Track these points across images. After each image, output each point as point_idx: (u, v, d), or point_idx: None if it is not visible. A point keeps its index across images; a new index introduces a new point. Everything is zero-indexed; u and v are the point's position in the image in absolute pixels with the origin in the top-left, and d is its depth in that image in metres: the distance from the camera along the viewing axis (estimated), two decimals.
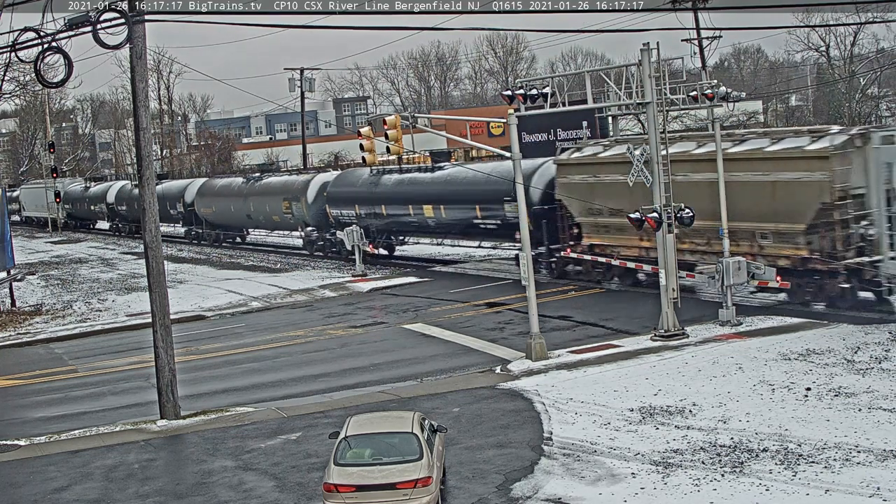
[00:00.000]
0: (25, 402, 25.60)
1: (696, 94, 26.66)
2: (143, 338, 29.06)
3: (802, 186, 26.04)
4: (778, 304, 28.17)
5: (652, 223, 24.94)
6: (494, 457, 17.34)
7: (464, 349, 26.84)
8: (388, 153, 26.92)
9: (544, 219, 34.13)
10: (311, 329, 31.74)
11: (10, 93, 49.96)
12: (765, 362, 21.84)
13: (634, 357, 23.55)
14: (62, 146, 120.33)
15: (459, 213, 38.60)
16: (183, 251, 59.72)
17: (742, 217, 26.89)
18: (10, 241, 42.41)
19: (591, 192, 32.30)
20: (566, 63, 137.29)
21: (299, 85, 67.82)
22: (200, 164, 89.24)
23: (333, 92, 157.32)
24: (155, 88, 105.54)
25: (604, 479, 15.83)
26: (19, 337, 34.65)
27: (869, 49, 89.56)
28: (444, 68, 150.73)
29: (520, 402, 20.76)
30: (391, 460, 14.67)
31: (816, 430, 17.14)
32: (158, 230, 22.13)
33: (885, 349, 22.07)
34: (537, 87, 25.24)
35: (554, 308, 30.76)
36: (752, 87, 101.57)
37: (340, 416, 19.79)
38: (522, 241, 25.00)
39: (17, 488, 18.08)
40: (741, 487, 14.96)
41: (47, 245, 73.07)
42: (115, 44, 19.88)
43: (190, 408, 22.45)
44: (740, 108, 66.30)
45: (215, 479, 17.59)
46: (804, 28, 77.89)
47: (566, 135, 60.31)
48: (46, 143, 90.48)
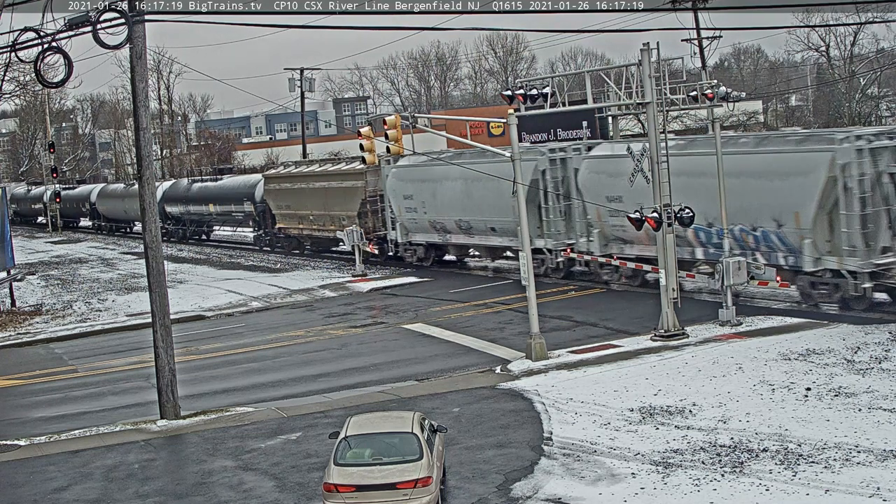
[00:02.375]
0: (25, 402, 25.60)
1: (696, 94, 26.69)
2: (143, 338, 29.06)
3: (351, 190, 44.66)
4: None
5: (652, 223, 24.99)
6: (494, 457, 17.34)
7: (464, 349, 26.84)
8: (387, 153, 26.90)
9: (262, 211, 53.61)
10: (311, 329, 31.74)
11: (10, 93, 49.91)
12: (765, 362, 21.84)
13: (634, 357, 23.55)
14: (62, 146, 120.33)
15: (223, 207, 58.08)
16: (183, 251, 59.84)
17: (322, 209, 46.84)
18: (10, 241, 42.40)
19: (283, 195, 50.61)
20: (566, 63, 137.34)
21: (299, 85, 67.80)
22: (200, 163, 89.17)
23: (333, 92, 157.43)
24: (155, 88, 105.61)
25: (604, 479, 15.84)
26: (19, 337, 34.65)
27: (869, 49, 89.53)
28: (444, 68, 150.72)
29: (520, 402, 20.76)
30: (391, 460, 14.67)
31: (816, 430, 17.14)
32: (158, 230, 22.14)
33: (885, 349, 22.07)
34: (537, 87, 25.25)
35: (554, 308, 30.77)
36: (752, 87, 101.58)
37: (340, 416, 19.79)
38: (523, 240, 24.99)
39: (17, 488, 18.08)
40: (741, 487, 14.96)
41: (47, 245, 73.08)
42: (115, 44, 19.89)
43: (190, 408, 22.45)
44: (740, 108, 66.30)
45: (215, 479, 17.60)
46: (804, 28, 77.83)
47: (566, 135, 60.38)
48: (46, 143, 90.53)
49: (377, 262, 44.00)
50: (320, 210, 47.09)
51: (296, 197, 48.95)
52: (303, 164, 53.73)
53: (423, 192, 40.40)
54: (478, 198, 37.25)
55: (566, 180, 34.50)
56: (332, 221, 45.91)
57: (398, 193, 41.82)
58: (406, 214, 41.78)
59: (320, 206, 46.93)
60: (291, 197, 49.42)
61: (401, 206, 41.80)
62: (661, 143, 24.98)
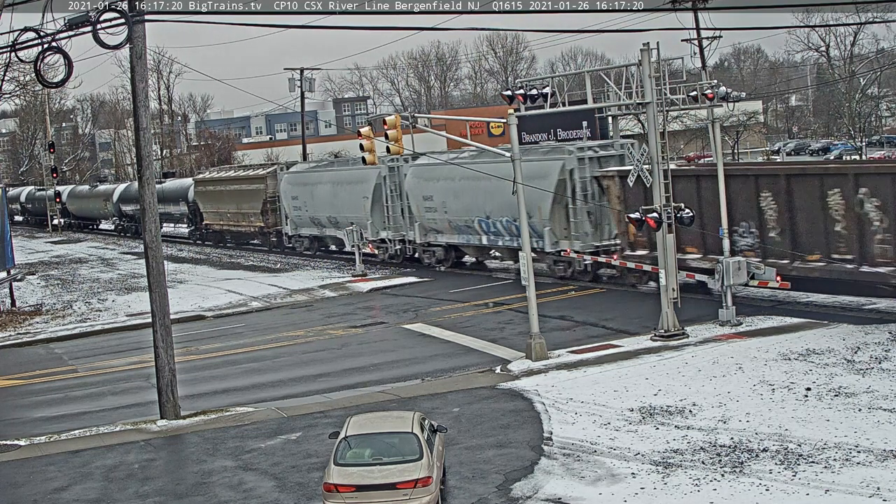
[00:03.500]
0: (25, 402, 25.60)
1: (696, 94, 26.67)
2: (143, 338, 29.07)
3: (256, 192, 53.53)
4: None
5: (652, 223, 25.01)
6: (494, 457, 17.34)
7: (464, 349, 26.84)
8: (388, 153, 26.94)
9: (194, 210, 62.24)
10: (311, 329, 31.74)
11: (10, 93, 49.97)
12: (765, 362, 21.84)
13: (634, 357, 23.55)
14: (62, 146, 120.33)
15: (164, 207, 61.28)
16: (183, 251, 59.85)
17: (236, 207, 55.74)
18: (11, 241, 42.40)
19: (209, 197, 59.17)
20: (566, 63, 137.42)
21: (299, 85, 67.79)
22: (200, 164, 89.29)
23: (333, 92, 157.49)
24: (155, 88, 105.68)
25: (604, 479, 15.84)
26: (19, 337, 34.65)
27: (869, 49, 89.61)
28: (444, 68, 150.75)
29: (520, 402, 20.76)
30: (391, 460, 14.67)
31: (816, 430, 17.14)
32: (159, 230, 22.14)
33: (885, 349, 22.07)
34: (537, 87, 25.24)
35: (554, 308, 30.77)
36: (752, 87, 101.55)
37: (340, 416, 19.79)
38: (523, 240, 25.00)
39: (17, 488, 18.08)
40: (741, 487, 14.96)
41: (47, 245, 73.11)
42: (115, 44, 19.88)
43: (190, 408, 22.45)
44: (740, 108, 66.31)
45: (215, 479, 17.60)
46: (804, 28, 77.90)
47: (566, 135, 60.40)
48: (46, 143, 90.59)
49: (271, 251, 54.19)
50: (235, 209, 56.32)
51: (217, 198, 58.15)
52: (223, 170, 63.00)
53: (306, 194, 48.96)
54: (341, 198, 45.97)
55: (399, 184, 42.40)
56: (243, 218, 55.74)
57: (288, 195, 50.49)
58: (294, 212, 50.38)
59: (235, 205, 56.26)
60: (214, 198, 58.50)
61: (290, 206, 50.44)
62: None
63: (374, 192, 43.47)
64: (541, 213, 33.67)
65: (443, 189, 39.17)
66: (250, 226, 55.00)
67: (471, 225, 38.13)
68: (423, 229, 41.20)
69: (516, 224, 31.96)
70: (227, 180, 57.18)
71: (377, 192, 43.31)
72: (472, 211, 37.71)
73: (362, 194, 44.03)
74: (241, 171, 59.25)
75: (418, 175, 41.01)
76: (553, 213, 33.73)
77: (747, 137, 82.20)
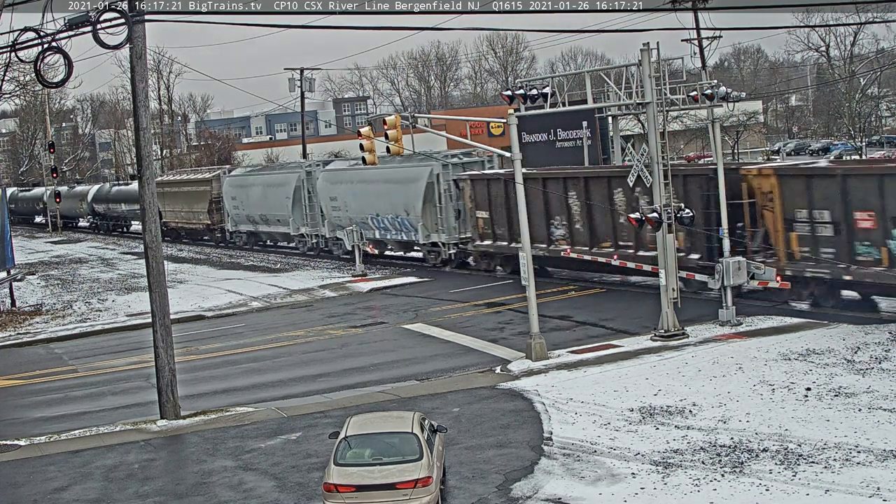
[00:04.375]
0: (25, 402, 25.60)
1: (696, 94, 26.66)
2: (143, 338, 29.07)
3: (203, 193, 59.88)
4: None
5: (652, 223, 25.01)
6: (494, 457, 17.34)
7: (464, 349, 26.84)
8: (388, 153, 26.96)
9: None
10: (311, 329, 31.74)
11: (10, 93, 49.95)
12: (765, 362, 21.84)
13: (634, 357, 23.54)
14: (62, 146, 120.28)
15: (130, 206, 69.07)
16: (183, 251, 59.86)
17: (188, 207, 62.23)
18: (10, 241, 42.39)
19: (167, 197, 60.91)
20: (566, 63, 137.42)
21: (299, 85, 67.81)
22: (200, 163, 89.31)
23: (333, 92, 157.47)
24: (155, 88, 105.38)
25: (604, 479, 15.84)
26: (19, 337, 34.64)
27: (869, 49, 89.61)
28: (444, 68, 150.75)
29: (520, 402, 20.76)
30: (391, 460, 14.67)
31: (816, 430, 17.14)
32: (158, 230, 22.13)
33: (885, 349, 22.07)
34: (537, 88, 25.22)
35: (554, 308, 30.77)
36: (752, 87, 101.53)
37: (340, 416, 19.79)
38: (523, 240, 25.00)
39: (17, 488, 18.08)
40: (741, 487, 14.96)
41: (47, 245, 73.09)
42: (115, 44, 19.88)
43: (190, 408, 22.45)
44: (740, 108, 66.30)
45: (215, 479, 17.60)
46: (804, 28, 77.93)
47: (566, 135, 60.43)
48: (46, 143, 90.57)
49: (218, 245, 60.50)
50: (188, 208, 62.83)
51: (173, 198, 63.44)
52: (179, 173, 71.06)
53: (243, 195, 55.30)
54: (269, 199, 52.19)
55: (314, 187, 48.63)
56: (194, 216, 62.35)
57: (229, 196, 57.04)
58: (234, 211, 56.81)
59: (187, 206, 62.82)
60: (171, 198, 63.23)
61: (231, 205, 56.92)
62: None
63: (294, 193, 50.07)
64: (415, 211, 40.82)
65: (344, 191, 45.64)
66: (200, 223, 61.90)
67: (366, 221, 44.05)
68: (331, 225, 47.38)
69: (399, 220, 41.94)
70: (180, 182, 64.18)
71: (297, 194, 49.87)
72: (367, 210, 43.92)
73: (285, 195, 50.76)
74: (192, 174, 66.59)
75: (326, 179, 47.46)
76: (424, 210, 40.51)
77: (747, 137, 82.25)
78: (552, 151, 54.39)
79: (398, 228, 42.50)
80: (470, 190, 38.43)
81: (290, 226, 50.60)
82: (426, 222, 40.71)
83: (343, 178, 46.06)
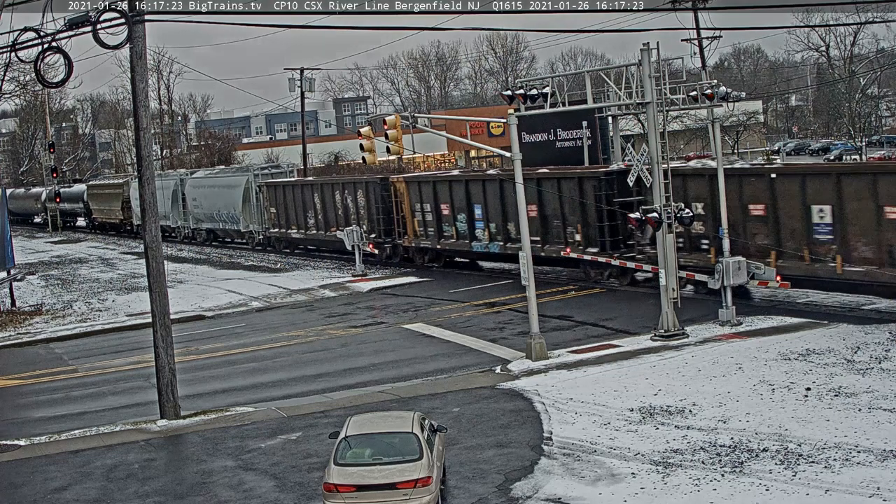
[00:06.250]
0: (25, 402, 25.61)
1: (696, 94, 26.64)
2: (143, 338, 29.06)
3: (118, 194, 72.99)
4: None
5: (652, 222, 25.01)
6: (494, 457, 17.34)
7: (464, 349, 26.85)
8: (388, 153, 26.97)
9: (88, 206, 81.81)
10: (311, 329, 31.74)
11: (10, 93, 49.99)
12: (765, 362, 21.84)
13: (634, 357, 23.55)
14: (62, 146, 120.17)
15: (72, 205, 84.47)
16: (183, 251, 59.88)
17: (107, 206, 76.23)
18: (11, 241, 42.38)
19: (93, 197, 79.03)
20: (566, 63, 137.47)
21: (299, 85, 67.80)
22: (200, 164, 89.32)
23: (333, 92, 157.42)
24: (155, 88, 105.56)
25: (604, 479, 15.84)
26: (19, 337, 34.64)
27: (869, 49, 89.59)
28: (444, 68, 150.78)
29: (520, 401, 20.76)
30: (391, 460, 14.67)
31: (816, 430, 17.15)
32: (158, 230, 22.12)
33: (885, 349, 22.07)
34: (537, 87, 25.21)
35: (554, 308, 30.78)
36: (752, 87, 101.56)
37: (340, 416, 19.79)
38: (523, 240, 24.99)
39: (17, 488, 18.09)
40: (741, 487, 14.97)
41: (47, 245, 73.15)
42: (115, 44, 19.90)
43: (190, 408, 22.45)
44: (740, 108, 66.36)
45: (215, 479, 17.60)
46: (804, 28, 77.93)
47: (566, 135, 60.35)
48: (46, 143, 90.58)
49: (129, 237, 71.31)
50: (107, 206, 76.30)
51: (96, 198, 79.14)
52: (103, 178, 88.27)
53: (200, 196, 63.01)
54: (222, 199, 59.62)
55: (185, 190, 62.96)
56: (112, 213, 75.43)
57: (190, 196, 64.19)
58: (195, 210, 63.27)
59: (105, 204, 76.54)
60: (97, 199, 79.01)
61: (192, 205, 63.53)
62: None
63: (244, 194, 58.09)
64: (238, 208, 56.14)
65: (200, 194, 61.47)
66: (116, 219, 75.42)
67: (212, 216, 59.83)
68: (195, 219, 62.65)
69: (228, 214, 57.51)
70: (103, 186, 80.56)
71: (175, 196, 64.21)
72: (212, 208, 59.57)
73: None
74: (110, 179, 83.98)
75: (192, 185, 62.95)
76: (244, 208, 55.58)
77: (747, 137, 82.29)
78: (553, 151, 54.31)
79: (227, 220, 58.55)
80: (267, 193, 53.43)
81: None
82: (245, 216, 56.02)
83: (200, 184, 62.07)
